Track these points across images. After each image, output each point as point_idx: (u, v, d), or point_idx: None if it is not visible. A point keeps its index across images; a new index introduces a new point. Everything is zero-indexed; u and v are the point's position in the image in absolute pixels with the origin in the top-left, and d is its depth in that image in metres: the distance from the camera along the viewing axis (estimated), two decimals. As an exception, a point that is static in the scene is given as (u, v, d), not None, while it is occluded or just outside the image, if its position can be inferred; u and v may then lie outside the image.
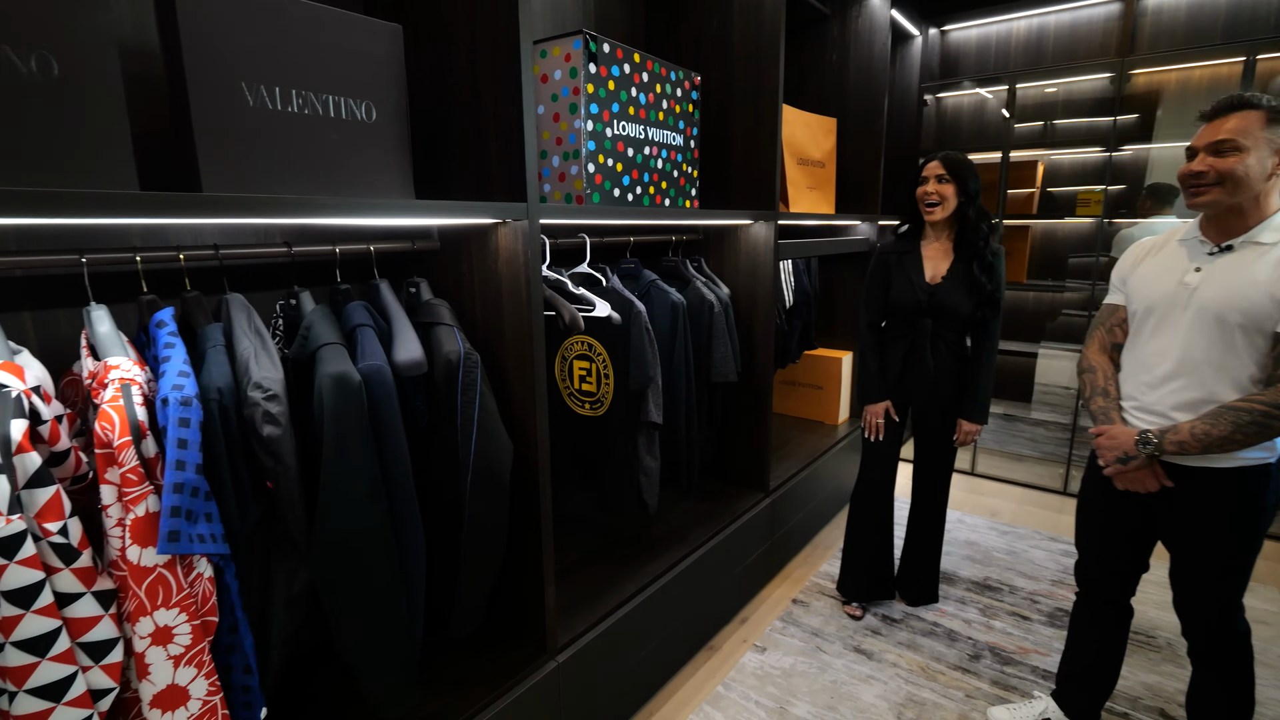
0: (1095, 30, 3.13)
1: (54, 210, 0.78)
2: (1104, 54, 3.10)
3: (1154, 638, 2.08)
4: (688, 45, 2.15)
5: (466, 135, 1.32)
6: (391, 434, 1.17)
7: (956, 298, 1.90)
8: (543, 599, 1.43)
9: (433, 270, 1.46)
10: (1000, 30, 3.39)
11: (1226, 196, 1.24)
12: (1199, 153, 1.27)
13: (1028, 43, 3.33)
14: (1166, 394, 1.33)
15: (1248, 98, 1.22)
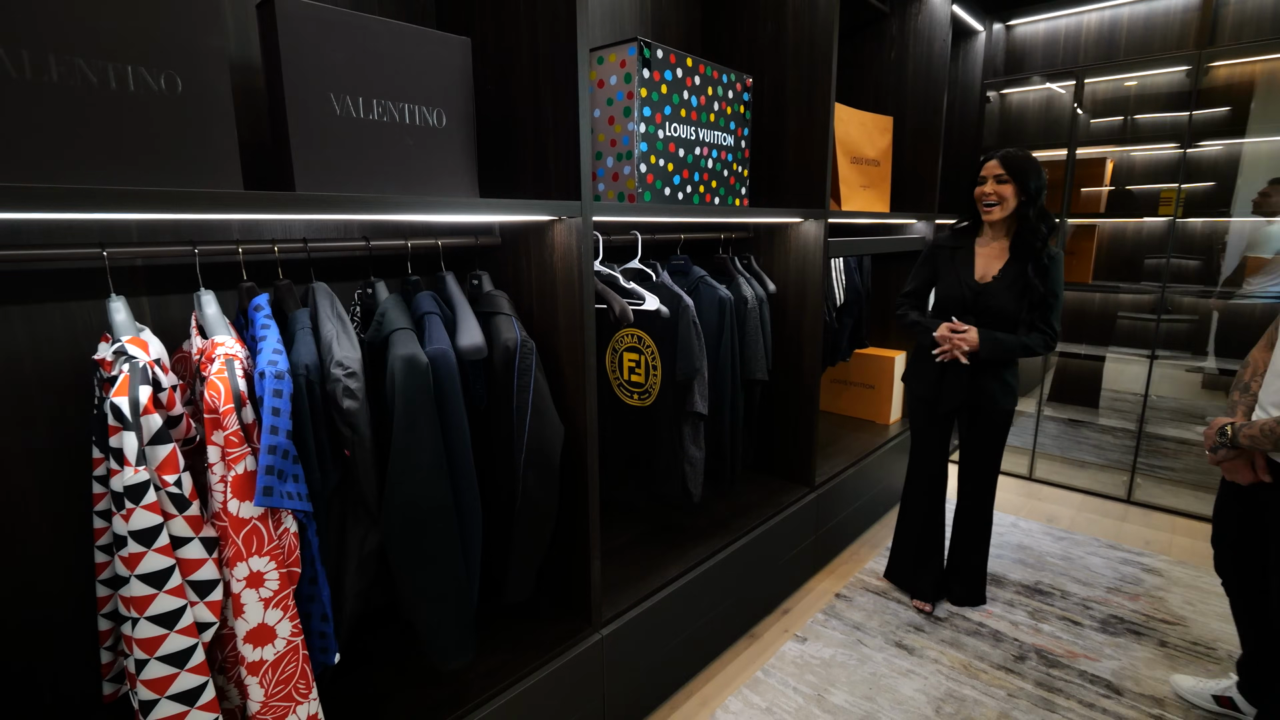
0: (1173, 21, 2.99)
1: (174, 207, 0.91)
2: (1181, 46, 2.96)
3: (1214, 649, 2.01)
4: (742, 46, 2.20)
5: (527, 139, 1.41)
6: (454, 412, 1.27)
7: (1004, 299, 1.90)
8: (588, 574, 1.52)
9: (494, 264, 1.56)
10: (1070, 24, 3.27)
11: None
12: None
13: (1099, 36, 3.20)
14: (1270, 393, 1.35)
15: None
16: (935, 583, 2.23)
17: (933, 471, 2.18)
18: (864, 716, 1.74)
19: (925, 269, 2.10)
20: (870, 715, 1.75)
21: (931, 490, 2.20)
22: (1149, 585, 2.37)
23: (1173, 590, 2.33)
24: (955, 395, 2.01)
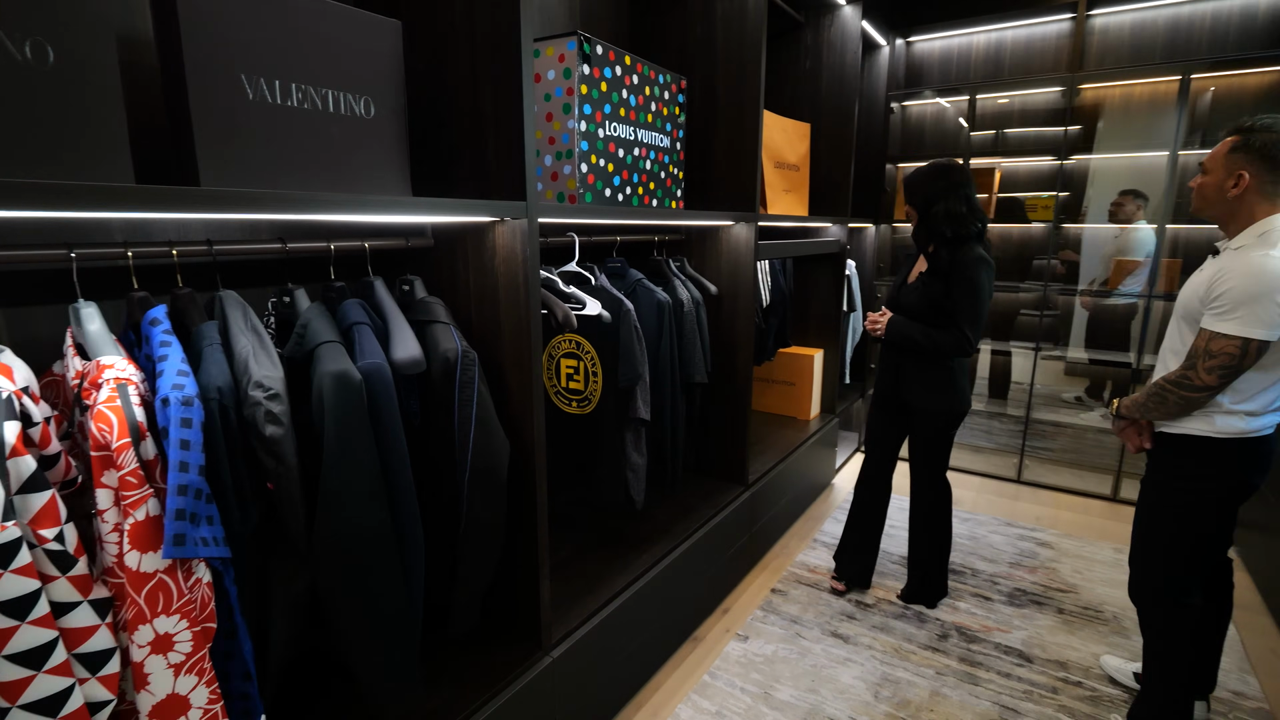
0: (1049, 46, 3.30)
1: (51, 203, 0.75)
2: (1056, 69, 3.27)
3: (1101, 611, 2.22)
4: (672, 49, 2.18)
5: (464, 133, 1.31)
6: (392, 432, 1.16)
7: (911, 300, 2.04)
8: (538, 596, 1.44)
9: (426, 268, 1.44)
10: (961, 43, 3.53)
11: (1201, 209, 1.47)
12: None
13: (986, 56, 3.47)
14: (1155, 375, 1.55)
15: (1241, 123, 1.40)
16: (858, 569, 2.33)
17: (875, 461, 2.27)
18: (810, 709, 1.77)
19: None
20: (816, 707, 1.78)
21: (872, 481, 2.28)
22: (1044, 558, 2.59)
23: (1063, 561, 2.56)
24: (883, 384, 2.18)
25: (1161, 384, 1.45)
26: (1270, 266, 1.28)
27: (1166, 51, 3.03)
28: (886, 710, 1.77)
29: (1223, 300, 1.33)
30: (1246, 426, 1.40)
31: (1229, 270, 1.33)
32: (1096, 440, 3.51)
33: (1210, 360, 1.35)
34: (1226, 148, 1.40)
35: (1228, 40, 2.92)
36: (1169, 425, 1.49)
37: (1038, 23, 3.29)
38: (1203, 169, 1.46)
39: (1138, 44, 3.09)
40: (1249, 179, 1.36)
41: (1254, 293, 1.29)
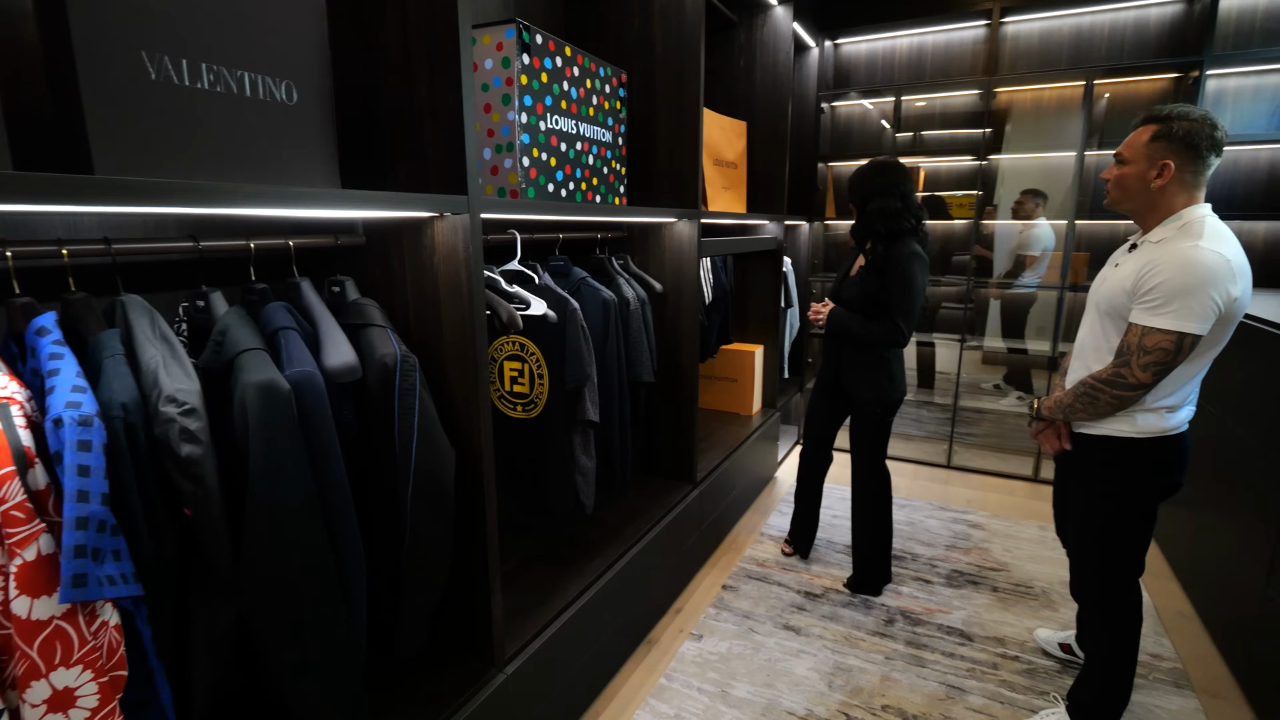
0: (966, 51, 3.46)
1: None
2: (974, 73, 3.43)
3: (1031, 587, 2.34)
4: (609, 42, 2.14)
5: (398, 123, 1.23)
6: (326, 446, 1.07)
7: (850, 293, 2.14)
8: (490, 611, 1.37)
9: (358, 268, 1.35)
10: (886, 46, 3.65)
11: (1118, 203, 1.43)
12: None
13: (909, 59, 3.61)
14: (1072, 372, 1.54)
15: (1153, 111, 1.35)
16: (803, 538, 2.55)
17: (814, 441, 2.43)
18: (767, 704, 1.78)
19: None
20: (773, 702, 1.79)
21: (811, 460, 2.46)
22: (976, 539, 2.71)
23: (994, 541, 2.69)
24: (834, 374, 2.28)
25: (1092, 383, 1.39)
26: (1201, 258, 1.24)
27: (1071, 58, 3.24)
28: (840, 699, 1.80)
29: (1155, 294, 1.27)
30: (1165, 424, 1.37)
31: (1158, 263, 1.28)
32: (1016, 425, 3.72)
33: (1145, 356, 1.29)
34: (1146, 136, 1.34)
35: (1124, 49, 3.14)
36: (1090, 427, 1.46)
37: (956, 28, 3.45)
38: (1120, 160, 1.40)
39: (1046, 51, 3.29)
40: (1173, 169, 1.31)
41: (1187, 285, 1.24)
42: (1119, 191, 1.41)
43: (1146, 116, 1.37)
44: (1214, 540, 2.08)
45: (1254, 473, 1.83)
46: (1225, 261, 1.24)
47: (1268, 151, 2.96)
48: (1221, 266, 1.23)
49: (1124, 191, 1.40)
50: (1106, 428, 1.43)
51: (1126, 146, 1.39)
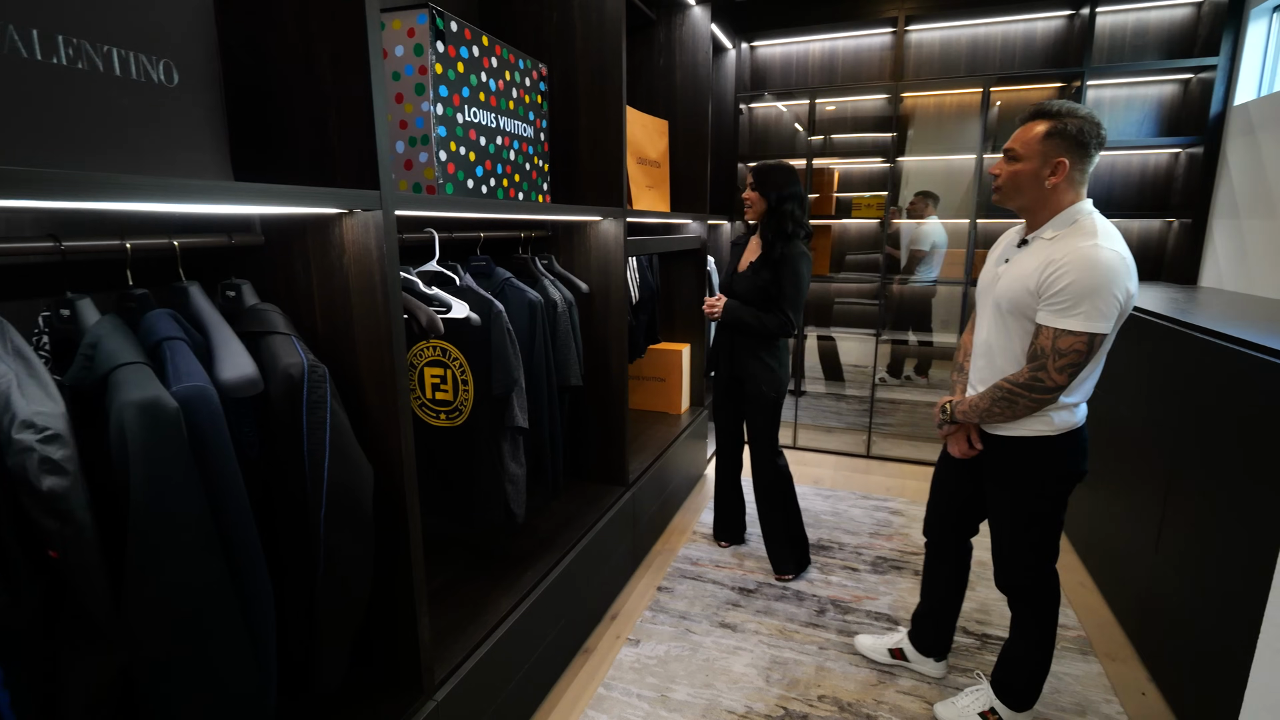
0: (874, 57, 3.61)
1: None
2: (881, 78, 3.58)
3: (952, 573, 2.45)
4: (526, 34, 2.07)
5: (300, 111, 1.12)
6: (223, 470, 0.96)
7: (744, 286, 2.25)
8: (416, 634, 1.28)
9: (256, 270, 1.22)
10: (800, 50, 3.75)
11: (1009, 199, 1.43)
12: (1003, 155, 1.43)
13: (822, 63, 3.73)
14: (977, 371, 1.55)
15: (1043, 107, 1.36)
16: (732, 529, 2.64)
17: (728, 437, 2.53)
18: (707, 705, 1.77)
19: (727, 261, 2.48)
20: (712, 702, 1.78)
21: (728, 455, 2.56)
22: (897, 525, 2.82)
23: (914, 526, 2.81)
24: (714, 360, 2.43)
25: (1009, 388, 1.38)
26: (1103, 258, 1.25)
27: (969, 66, 3.44)
28: (779, 693, 1.82)
29: (1062, 296, 1.28)
30: (1075, 418, 1.42)
31: (1062, 263, 1.28)
32: (928, 414, 3.91)
33: (1061, 359, 1.30)
34: (1039, 133, 1.33)
35: (1015, 59, 3.37)
36: (1006, 429, 1.46)
37: (864, 35, 3.59)
38: (1012, 155, 1.38)
39: (946, 58, 3.48)
40: (1067, 167, 1.32)
41: (1093, 286, 1.25)
42: (1011, 187, 1.40)
43: (1037, 111, 1.36)
44: (1108, 515, 2.25)
45: (1139, 452, 1.99)
46: (1122, 260, 1.28)
47: (1139, 156, 3.26)
48: (1120, 265, 1.27)
49: (1016, 188, 1.39)
50: (1025, 429, 1.44)
51: (1019, 142, 1.37)
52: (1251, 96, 2.76)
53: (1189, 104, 3.08)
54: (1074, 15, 3.21)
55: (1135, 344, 2.11)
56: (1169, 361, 1.86)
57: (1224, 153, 2.86)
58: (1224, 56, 2.83)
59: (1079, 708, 1.75)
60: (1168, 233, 3.25)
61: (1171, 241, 3.21)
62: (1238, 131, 2.77)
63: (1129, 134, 3.23)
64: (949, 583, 1.80)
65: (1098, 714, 1.73)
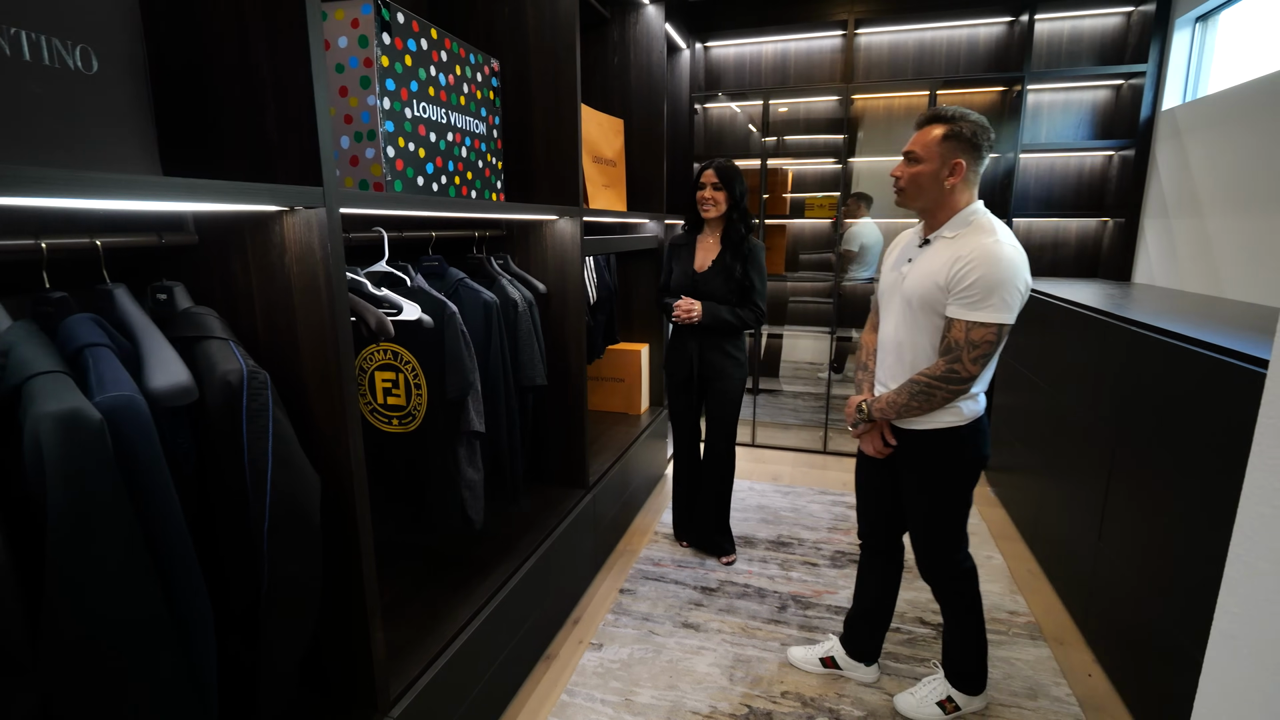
0: (825, 59, 3.67)
1: None
2: (833, 79, 3.64)
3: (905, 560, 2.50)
4: (478, 29, 2.02)
5: (235, 103, 1.06)
6: (155, 485, 0.89)
7: (715, 284, 2.26)
8: (370, 650, 1.23)
9: (190, 271, 1.15)
10: (752, 51, 3.79)
11: (910, 200, 1.47)
12: (903, 158, 1.48)
13: (774, 64, 3.77)
14: (886, 369, 1.58)
15: (939, 112, 1.42)
16: (696, 530, 2.59)
17: (690, 440, 2.54)
18: (671, 707, 1.76)
19: (666, 263, 2.43)
20: (677, 704, 1.77)
21: (689, 454, 2.56)
22: (854, 520, 2.87)
23: (870, 521, 2.86)
24: (683, 365, 2.39)
25: (926, 381, 1.42)
26: (1004, 253, 1.33)
27: (916, 69, 3.53)
28: (742, 690, 1.82)
29: (972, 290, 1.34)
30: (978, 407, 1.50)
31: (969, 260, 1.34)
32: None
33: (974, 351, 1.36)
34: (938, 136, 1.39)
35: (959, 63, 3.48)
36: (919, 423, 1.50)
37: (816, 37, 3.65)
38: (912, 158, 1.43)
39: (895, 62, 3.56)
40: (964, 168, 1.38)
41: (999, 279, 1.32)
42: (914, 188, 1.45)
43: (933, 116, 1.42)
44: (1054, 505, 2.34)
45: (1082, 441, 2.07)
46: (1021, 254, 1.37)
47: (1076, 158, 3.40)
48: (1020, 260, 1.36)
49: (918, 189, 1.44)
50: (937, 421, 1.49)
51: (919, 145, 1.42)
52: (1178, 102, 2.91)
53: (1121, 108, 3.23)
54: (1014, 22, 3.33)
55: (1075, 338, 2.19)
56: (1106, 355, 1.94)
57: (1153, 155, 3.01)
58: (1152, 64, 2.97)
59: (1030, 691, 1.80)
60: (1103, 231, 3.40)
61: (1107, 240, 3.36)
62: (1166, 135, 2.91)
63: (1066, 137, 3.37)
64: (883, 582, 1.80)
65: (1048, 696, 1.78)
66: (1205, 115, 2.62)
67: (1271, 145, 2.19)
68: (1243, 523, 0.48)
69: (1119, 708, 1.74)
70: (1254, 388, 1.25)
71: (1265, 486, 0.45)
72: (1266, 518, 0.45)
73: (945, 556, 1.61)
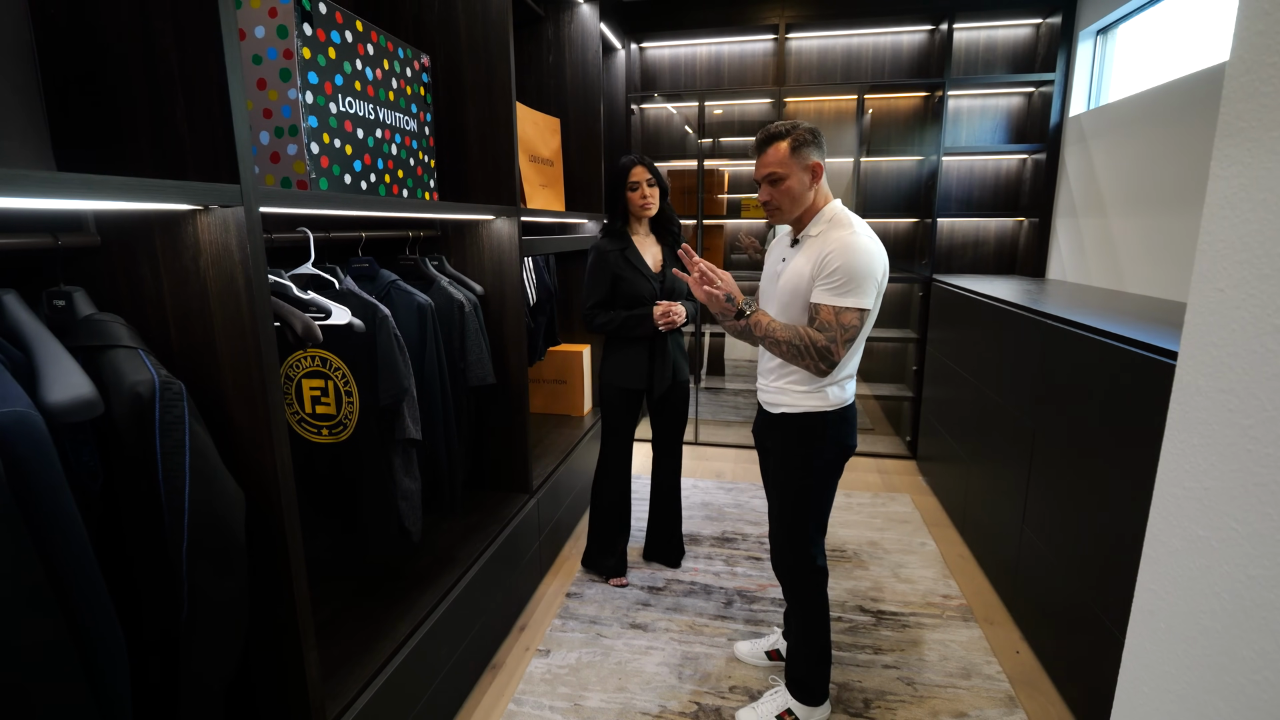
0: (758, 62, 3.74)
1: None
2: (765, 82, 3.72)
3: (844, 550, 2.58)
4: (406, 22, 1.95)
5: (140, 94, 0.99)
6: (55, 507, 0.82)
7: (679, 281, 2.18)
8: (303, 671, 1.17)
9: (92, 275, 1.07)
10: (687, 53, 3.83)
11: (787, 214, 1.52)
12: (760, 183, 1.53)
13: (709, 67, 3.82)
14: (766, 356, 1.62)
15: (774, 130, 1.48)
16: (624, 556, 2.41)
17: (628, 457, 2.35)
18: (621, 709, 1.75)
19: (604, 275, 2.16)
20: (626, 705, 1.77)
21: (626, 474, 2.38)
22: (796, 513, 2.94)
23: (810, 513, 2.94)
24: (666, 376, 2.22)
25: (807, 342, 1.43)
26: (862, 245, 1.41)
27: (845, 74, 3.65)
28: (691, 688, 1.83)
29: (837, 276, 1.40)
30: (845, 394, 1.54)
31: (833, 251, 1.41)
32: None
33: (845, 333, 1.42)
34: (786, 150, 1.45)
35: (885, 69, 3.61)
36: (786, 406, 1.55)
37: (748, 40, 3.72)
38: (775, 178, 1.47)
39: (824, 66, 3.67)
40: (821, 165, 1.46)
41: (861, 268, 1.40)
42: (789, 202, 1.49)
43: (771, 135, 1.48)
44: (981, 490, 2.46)
45: (1005, 431, 2.19)
46: (878, 246, 1.45)
47: (993, 161, 3.59)
48: (877, 250, 1.44)
49: (793, 201, 1.49)
50: (803, 405, 1.53)
51: (774, 165, 1.47)
52: (1083, 109, 3.11)
53: (1033, 114, 3.44)
54: (935, 31, 3.49)
55: (996, 331, 2.31)
56: (1024, 346, 2.05)
57: (1063, 159, 3.21)
58: (1059, 72, 3.17)
59: (964, 671, 1.89)
60: (1019, 231, 3.61)
61: (1023, 239, 3.57)
62: (1073, 140, 3.11)
63: (984, 140, 3.56)
64: None
65: (980, 675, 1.87)
66: (1107, 121, 2.82)
67: (1165, 150, 2.38)
68: (1158, 504, 0.51)
69: (1045, 682, 1.84)
70: (1157, 376, 1.35)
71: (1178, 469, 0.48)
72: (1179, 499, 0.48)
73: (798, 549, 1.60)
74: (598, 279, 2.16)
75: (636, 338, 2.17)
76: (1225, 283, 0.44)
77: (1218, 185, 0.45)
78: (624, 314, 2.14)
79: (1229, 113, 0.45)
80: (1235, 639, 0.42)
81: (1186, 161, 2.26)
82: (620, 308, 2.17)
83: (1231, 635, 0.42)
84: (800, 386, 1.54)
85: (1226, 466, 0.43)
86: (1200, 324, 0.46)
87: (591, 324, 2.19)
